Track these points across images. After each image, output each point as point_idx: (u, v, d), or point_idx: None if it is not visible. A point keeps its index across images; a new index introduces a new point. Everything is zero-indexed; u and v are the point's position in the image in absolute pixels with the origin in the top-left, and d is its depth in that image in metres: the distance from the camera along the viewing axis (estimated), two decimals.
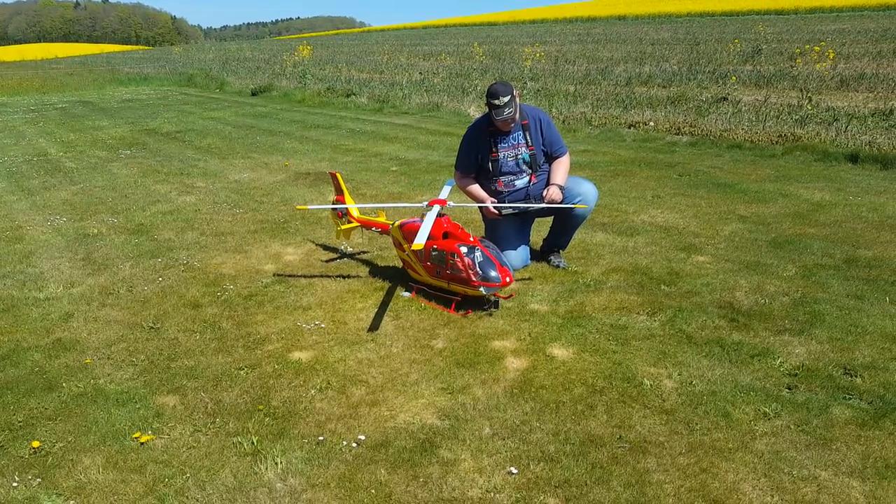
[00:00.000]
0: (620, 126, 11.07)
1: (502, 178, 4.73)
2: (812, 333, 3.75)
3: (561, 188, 4.64)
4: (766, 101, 12.11)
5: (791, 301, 4.18)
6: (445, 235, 4.22)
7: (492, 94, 4.44)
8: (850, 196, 6.53)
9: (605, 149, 9.52)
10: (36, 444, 2.89)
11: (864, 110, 10.75)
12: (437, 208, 4.23)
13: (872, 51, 19.64)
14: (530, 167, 4.71)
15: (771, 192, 6.79)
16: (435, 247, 4.19)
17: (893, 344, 3.60)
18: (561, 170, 4.74)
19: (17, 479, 2.69)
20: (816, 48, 12.92)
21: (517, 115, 4.55)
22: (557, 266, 4.89)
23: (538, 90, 15.07)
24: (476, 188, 4.80)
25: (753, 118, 10.55)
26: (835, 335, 3.72)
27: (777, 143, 9.24)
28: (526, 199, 4.74)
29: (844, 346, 3.60)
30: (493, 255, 4.12)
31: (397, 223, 4.58)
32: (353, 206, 5.04)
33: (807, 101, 11.13)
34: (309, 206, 5.33)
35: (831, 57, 13.36)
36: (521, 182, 4.75)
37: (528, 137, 4.66)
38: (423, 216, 4.24)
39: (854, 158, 8.18)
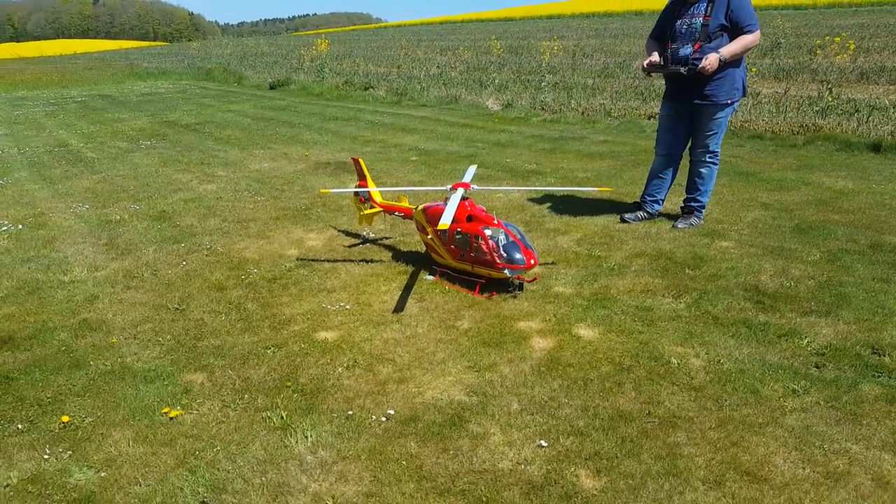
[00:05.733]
0: (640, 117, 10.99)
1: (673, 44, 5.07)
2: (839, 315, 3.72)
3: (721, 59, 4.82)
4: (786, 93, 11.99)
5: (816, 284, 4.14)
6: (469, 219, 4.22)
7: None
8: (873, 184, 6.46)
9: (625, 139, 9.47)
10: (65, 418, 2.92)
11: (885, 101, 10.62)
12: (461, 191, 4.23)
13: (892, 44, 19.37)
14: (699, 37, 4.92)
15: (793, 181, 6.72)
16: (459, 230, 4.19)
17: None
18: (735, 44, 4.87)
19: (48, 451, 2.72)
20: (837, 39, 12.74)
21: None
22: (676, 225, 5.38)
23: (556, 83, 15.01)
24: (650, 50, 5.23)
25: (774, 110, 10.45)
26: (861, 316, 3.69)
27: (798, 133, 9.13)
28: (686, 65, 4.96)
29: (871, 327, 3.57)
30: (517, 237, 4.11)
31: (420, 207, 4.59)
32: (375, 191, 5.04)
33: (827, 92, 10.99)
34: (332, 190, 5.33)
35: (851, 48, 13.18)
36: (684, 50, 4.99)
37: (709, 9, 4.87)
38: (446, 200, 4.23)
39: (877, 148, 8.08)
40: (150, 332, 3.76)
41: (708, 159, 5.35)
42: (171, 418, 2.91)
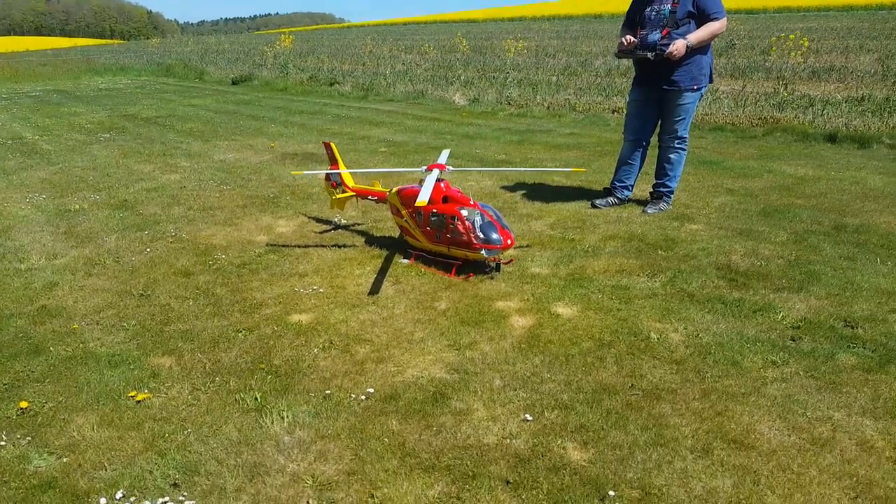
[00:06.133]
0: (604, 111, 11.07)
1: (643, 30, 5.12)
2: (810, 290, 3.76)
3: (688, 45, 4.89)
4: (743, 88, 12.24)
5: (786, 263, 4.19)
6: (445, 200, 4.15)
7: None
8: (832, 171, 6.61)
9: (591, 132, 9.52)
10: (24, 404, 2.75)
11: (837, 97, 10.93)
12: (436, 172, 4.16)
13: (840, 46, 20.00)
14: (667, 23, 4.98)
15: (755, 169, 6.83)
16: (434, 211, 4.12)
17: (889, 298, 3.63)
18: (702, 31, 4.94)
19: (4, 438, 2.55)
20: (791, 37, 13.05)
21: None
22: (645, 210, 5.40)
23: (521, 80, 15.03)
24: (622, 36, 5.27)
25: (732, 104, 10.64)
26: (832, 292, 3.73)
27: (757, 125, 9.33)
28: (653, 51, 5.02)
29: (843, 301, 3.61)
30: (493, 217, 4.06)
31: (395, 189, 4.50)
32: (346, 172, 4.93)
33: (783, 87, 11.25)
34: (304, 172, 5.21)
35: (805, 45, 13.51)
36: (653, 36, 5.04)
37: None
38: (421, 182, 4.16)
39: (832, 138, 8.29)
40: (113, 318, 3.60)
41: (676, 145, 5.38)
42: (138, 402, 2.77)
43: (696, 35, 4.90)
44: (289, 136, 9.66)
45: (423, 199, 3.65)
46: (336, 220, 5.28)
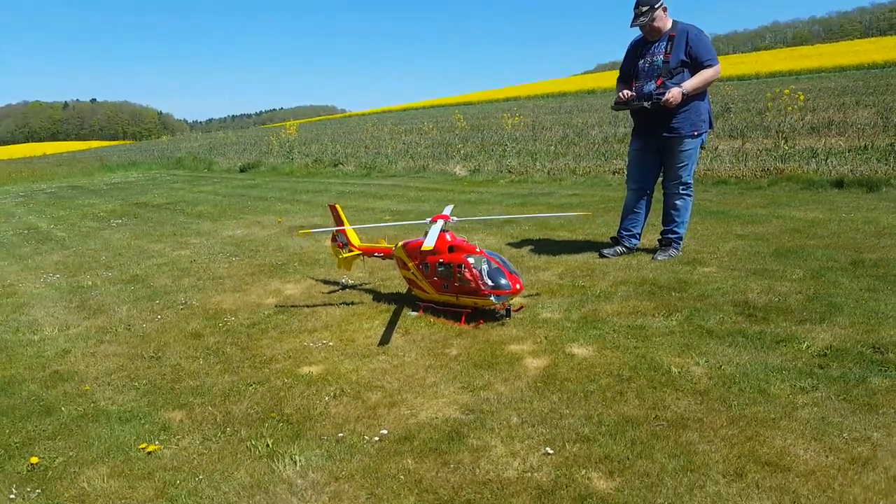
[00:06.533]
0: (605, 173, 11.20)
1: (637, 82, 5.23)
2: (833, 321, 3.67)
3: (683, 93, 4.97)
4: (742, 146, 12.38)
5: (805, 297, 4.11)
6: (451, 249, 4.15)
7: (635, 3, 5.03)
8: (842, 214, 6.57)
9: (594, 192, 9.61)
10: (34, 459, 2.69)
11: (840, 145, 11.00)
12: (440, 222, 4.18)
13: (836, 103, 20.27)
14: (661, 73, 5.09)
15: (764, 215, 6.82)
16: (441, 260, 4.11)
17: None
18: (696, 78, 5.04)
19: (14, 492, 2.48)
20: (787, 91, 13.31)
21: (658, 24, 5.06)
22: (655, 257, 5.35)
23: (519, 150, 15.33)
24: (619, 90, 5.37)
25: (734, 160, 10.73)
26: (857, 321, 3.64)
27: (761, 177, 9.36)
28: (649, 100, 5.10)
29: (868, 329, 3.52)
30: (501, 263, 4.04)
31: (400, 243, 4.52)
32: (352, 230, 4.96)
33: (783, 142, 11.36)
34: (312, 231, 5.25)
35: (801, 99, 13.76)
36: (648, 87, 5.14)
37: (669, 47, 5.08)
38: (425, 235, 4.18)
39: (839, 184, 8.30)
40: (124, 379, 3.55)
41: (682, 191, 5.41)
42: (149, 453, 2.70)
43: (691, 83, 5.01)
44: (295, 211, 9.80)
45: (428, 244, 3.65)
46: (343, 280, 5.27)
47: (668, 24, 5.13)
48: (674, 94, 4.96)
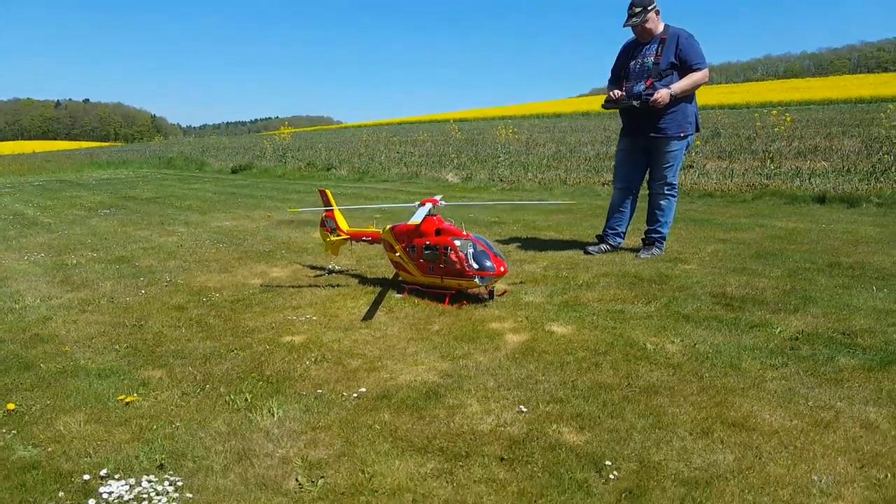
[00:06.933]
0: (595, 184, 11.36)
1: (628, 83, 5.33)
2: (807, 311, 3.76)
3: (672, 94, 5.08)
4: (729, 165, 12.57)
5: (781, 291, 4.20)
6: (438, 232, 4.21)
7: (629, 4, 5.16)
8: (822, 224, 6.71)
9: (583, 200, 9.70)
10: (11, 406, 2.70)
11: (824, 165, 11.22)
12: (429, 205, 4.24)
13: (823, 132, 20.60)
14: (650, 74, 5.20)
15: (747, 224, 6.94)
16: (428, 243, 4.17)
17: (888, 315, 3.62)
18: (685, 81, 5.16)
19: None
20: (774, 112, 13.55)
21: (649, 26, 5.18)
22: (638, 255, 5.41)
23: (512, 162, 15.47)
24: (610, 88, 5.49)
25: (721, 177, 10.91)
26: (829, 312, 3.73)
27: (746, 191, 9.54)
28: (638, 99, 5.21)
29: (840, 318, 3.61)
30: (486, 246, 4.10)
31: (388, 227, 4.58)
32: (341, 213, 5.02)
33: (769, 161, 11.57)
34: (300, 210, 5.29)
35: (788, 120, 14.02)
36: (638, 87, 5.24)
37: (660, 49, 5.19)
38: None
39: (822, 200, 8.49)
40: (105, 342, 3.57)
41: (666, 191, 5.51)
42: (127, 404, 2.72)
43: (680, 85, 5.13)
44: (285, 208, 9.83)
45: (415, 220, 3.71)
46: (330, 266, 5.31)
47: (660, 28, 5.26)
48: (662, 94, 5.07)
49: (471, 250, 4.05)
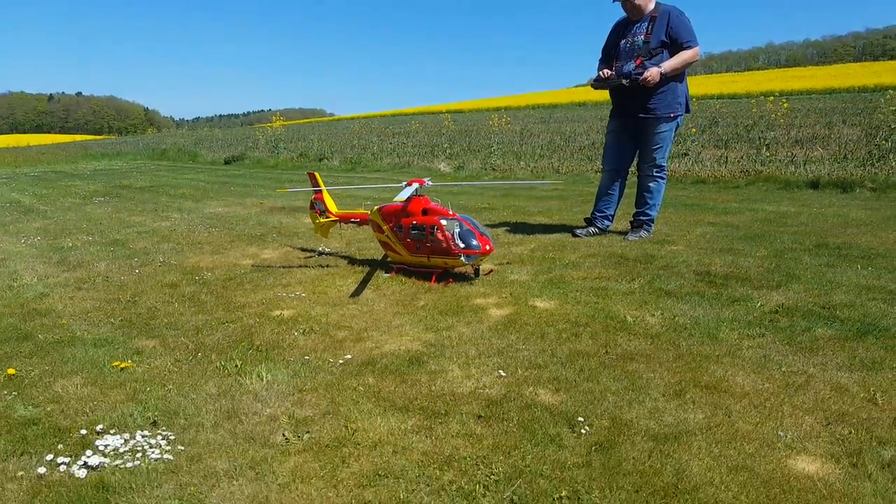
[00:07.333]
0: (587, 172, 11.42)
1: (618, 62, 5.37)
2: (789, 287, 3.83)
3: (662, 73, 5.12)
4: (725, 150, 12.62)
5: (766, 270, 4.27)
6: (425, 212, 4.29)
7: None
8: (814, 208, 6.77)
9: (574, 188, 9.77)
10: (11, 371, 2.80)
11: (819, 152, 11.25)
12: (415, 185, 4.32)
13: (823, 121, 20.55)
14: (640, 53, 5.23)
15: (737, 208, 7.01)
16: (415, 223, 4.25)
17: (869, 291, 3.69)
18: (675, 59, 5.18)
19: None
20: (770, 99, 13.60)
21: (639, 2, 5.23)
22: (626, 237, 5.47)
23: (505, 151, 15.52)
24: (600, 67, 5.54)
25: (715, 165, 10.94)
26: (811, 288, 3.80)
27: (740, 177, 9.59)
28: (628, 78, 5.24)
29: (822, 293, 3.68)
30: (472, 226, 4.18)
31: (375, 208, 4.65)
32: (329, 195, 5.09)
33: (765, 148, 11.61)
34: (289, 189, 5.36)
35: (785, 106, 14.07)
36: (627, 67, 5.27)
37: (650, 27, 5.22)
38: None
39: (815, 185, 8.52)
40: (100, 316, 3.66)
41: (655, 173, 5.57)
42: (122, 369, 2.81)
43: (670, 63, 5.14)
44: (277, 196, 9.90)
45: (399, 198, 3.79)
46: (320, 248, 5.39)
47: (651, 6, 5.27)
48: (652, 73, 5.11)
49: (457, 229, 4.13)
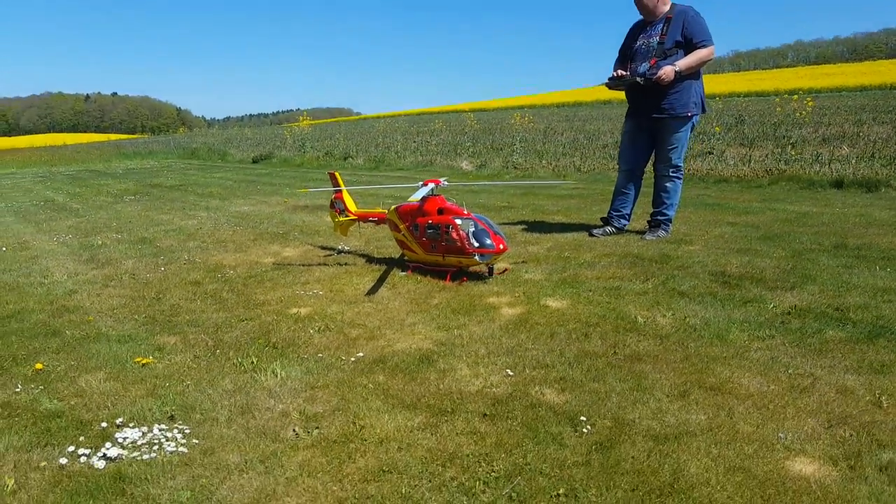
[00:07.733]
0: (609, 170, 11.36)
1: (633, 63, 5.42)
2: (804, 288, 3.82)
3: (677, 71, 5.14)
4: (750, 150, 12.45)
5: (782, 270, 4.26)
6: (441, 212, 4.35)
7: None
8: (836, 208, 6.68)
9: (595, 187, 9.76)
10: (39, 365, 2.94)
11: (845, 149, 11.05)
12: (431, 185, 4.39)
13: (852, 119, 20.12)
14: (655, 54, 5.26)
15: (758, 208, 6.95)
16: (430, 222, 4.31)
17: (885, 293, 3.66)
18: (690, 57, 5.19)
19: (19, 387, 2.73)
20: (794, 97, 13.41)
21: (647, 2, 5.28)
22: (644, 237, 5.49)
23: (527, 149, 15.50)
24: (616, 68, 5.58)
25: (739, 163, 10.82)
26: (826, 289, 3.79)
27: (763, 176, 9.48)
28: (642, 77, 5.26)
29: (836, 295, 3.67)
30: (486, 225, 4.24)
31: (393, 207, 4.73)
32: (349, 194, 5.18)
33: (790, 147, 11.44)
34: (310, 189, 5.47)
35: (810, 104, 13.85)
36: (642, 67, 5.31)
37: (665, 28, 5.25)
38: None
39: (839, 184, 8.39)
40: (126, 313, 3.80)
41: (671, 173, 5.57)
42: (143, 365, 2.93)
43: (685, 61, 5.14)
44: (300, 195, 10.05)
45: (414, 198, 3.86)
46: (340, 246, 5.49)
47: (666, 7, 5.28)
48: (666, 71, 5.11)
49: (472, 229, 4.19)
